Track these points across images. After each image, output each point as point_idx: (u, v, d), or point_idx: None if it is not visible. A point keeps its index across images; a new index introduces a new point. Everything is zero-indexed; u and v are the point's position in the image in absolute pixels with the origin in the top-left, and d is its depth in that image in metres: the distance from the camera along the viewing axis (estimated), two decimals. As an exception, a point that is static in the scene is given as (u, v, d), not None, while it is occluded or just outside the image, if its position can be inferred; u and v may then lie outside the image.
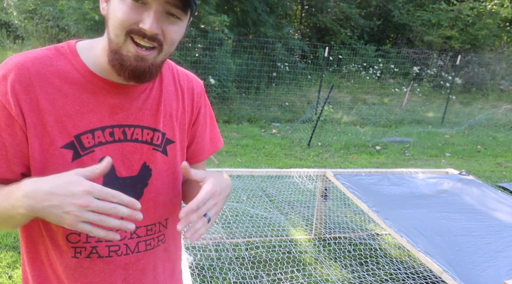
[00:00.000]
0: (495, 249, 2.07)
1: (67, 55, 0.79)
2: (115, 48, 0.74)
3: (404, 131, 7.72)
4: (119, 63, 0.74)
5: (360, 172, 3.03)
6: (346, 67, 10.48)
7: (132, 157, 0.84)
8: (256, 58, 8.51)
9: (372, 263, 2.94)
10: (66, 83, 0.77)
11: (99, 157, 0.79)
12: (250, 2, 8.95)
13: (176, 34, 0.76)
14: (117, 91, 0.81)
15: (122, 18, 0.71)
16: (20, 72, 0.73)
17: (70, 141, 0.77)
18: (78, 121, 0.77)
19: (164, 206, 0.92)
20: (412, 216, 2.38)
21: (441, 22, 11.72)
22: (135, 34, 0.72)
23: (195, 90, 0.95)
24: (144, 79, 0.77)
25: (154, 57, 0.76)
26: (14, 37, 8.13)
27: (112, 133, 0.81)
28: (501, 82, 11.66)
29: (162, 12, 0.73)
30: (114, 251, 0.86)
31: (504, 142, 7.48)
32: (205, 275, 2.57)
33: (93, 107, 0.78)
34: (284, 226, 3.41)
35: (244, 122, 7.49)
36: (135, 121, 0.84)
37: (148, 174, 0.87)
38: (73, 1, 7.04)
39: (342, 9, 11.68)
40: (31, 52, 0.78)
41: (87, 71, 0.78)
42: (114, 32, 0.73)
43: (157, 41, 0.74)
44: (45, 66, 0.76)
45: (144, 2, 0.71)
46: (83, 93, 0.78)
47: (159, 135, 0.87)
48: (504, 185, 4.90)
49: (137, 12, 0.71)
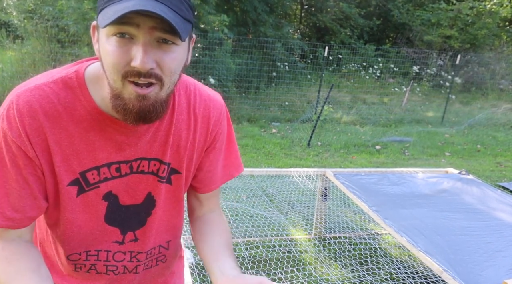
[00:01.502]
0: (495, 248, 2.07)
1: (75, 90, 0.74)
2: (116, 93, 0.70)
3: (404, 130, 7.72)
4: (122, 108, 0.70)
5: (360, 172, 3.03)
6: (346, 67, 10.48)
7: (137, 187, 0.84)
8: (256, 57, 8.50)
9: (372, 262, 2.94)
10: (73, 122, 0.74)
11: (104, 192, 0.80)
12: (250, 1, 8.95)
13: (174, 62, 0.68)
14: (125, 130, 0.77)
15: (113, 62, 0.66)
16: (30, 114, 0.71)
17: (75, 178, 0.77)
18: (84, 159, 0.76)
19: (167, 230, 0.94)
20: (412, 215, 2.38)
21: (441, 22, 11.71)
22: (130, 76, 0.66)
23: (211, 118, 0.88)
24: (150, 119, 0.72)
25: (156, 94, 0.69)
26: (14, 37, 8.12)
27: (118, 169, 0.80)
28: (501, 81, 11.67)
29: (153, 42, 0.65)
30: (111, 270, 0.90)
31: (504, 141, 7.48)
32: (205, 275, 2.56)
33: (99, 145, 0.77)
34: (284, 225, 3.40)
35: (244, 121, 7.49)
36: (143, 154, 0.82)
37: (152, 204, 0.87)
38: (73, 1, 7.04)
39: (342, 8, 11.68)
40: (38, 88, 0.73)
41: (94, 109, 0.75)
42: (110, 77, 0.69)
43: (154, 76, 0.67)
44: (53, 106, 0.72)
45: (131, 36, 0.65)
46: (90, 131, 0.75)
47: (165, 168, 0.85)
48: (504, 185, 4.90)
49: (126, 50, 0.65)
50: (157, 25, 0.64)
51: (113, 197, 0.82)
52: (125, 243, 0.88)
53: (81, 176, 0.77)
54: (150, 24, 0.64)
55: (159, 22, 0.63)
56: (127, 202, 0.84)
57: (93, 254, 0.86)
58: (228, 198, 3.69)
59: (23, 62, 7.07)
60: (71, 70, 0.76)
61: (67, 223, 0.81)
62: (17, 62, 7.13)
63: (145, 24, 0.63)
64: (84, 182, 0.78)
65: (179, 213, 0.95)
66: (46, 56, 7.02)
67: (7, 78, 6.75)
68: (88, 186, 0.79)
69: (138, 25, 0.63)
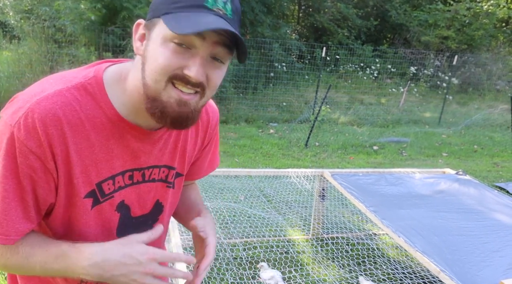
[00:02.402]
0: (492, 248, 2.08)
1: (95, 96, 0.72)
2: (154, 95, 0.68)
3: (401, 131, 7.74)
4: (160, 110, 0.69)
5: (358, 172, 3.04)
6: (344, 67, 10.49)
7: (147, 196, 0.85)
8: (253, 58, 8.50)
9: (369, 263, 2.95)
10: (94, 130, 0.72)
11: (117, 202, 0.80)
12: (247, 2, 8.95)
13: (219, 79, 0.72)
14: (142, 137, 0.78)
15: (164, 63, 0.65)
16: (53, 124, 0.67)
17: (92, 190, 0.75)
18: (101, 169, 0.75)
19: (165, 232, 0.97)
20: (410, 216, 2.39)
21: (438, 23, 11.76)
22: (178, 80, 0.67)
23: (210, 122, 0.93)
24: (186, 125, 0.72)
25: (196, 102, 0.70)
26: (10, 37, 8.08)
27: (131, 176, 0.80)
28: (498, 82, 11.71)
29: (208, 57, 0.68)
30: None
31: (501, 142, 7.51)
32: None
33: (117, 153, 0.76)
34: (281, 226, 3.40)
35: (242, 122, 7.48)
36: (155, 161, 0.83)
37: (160, 211, 0.89)
38: (70, 1, 7.02)
39: (339, 9, 11.70)
40: (59, 95, 0.69)
41: (115, 115, 0.73)
42: (152, 78, 0.67)
43: (200, 86, 0.69)
44: (75, 114, 0.70)
45: (189, 47, 0.66)
46: (110, 139, 0.74)
47: (174, 173, 0.87)
48: (500, 185, 4.92)
49: (181, 57, 0.66)
50: (220, 41, 0.67)
51: (125, 209, 0.82)
52: None
53: (97, 187, 0.76)
54: (215, 39, 0.66)
55: (223, 38, 0.67)
56: (137, 213, 0.85)
57: None
58: (225, 199, 3.69)
59: (20, 62, 7.04)
60: (89, 74, 0.73)
61: (77, 238, 0.78)
62: (13, 63, 7.10)
63: (211, 38, 0.66)
64: (100, 193, 0.77)
65: (173, 211, 0.99)
66: (43, 56, 7.00)
67: (4, 79, 6.72)
68: (103, 197, 0.77)
69: (204, 38, 0.65)
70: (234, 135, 6.50)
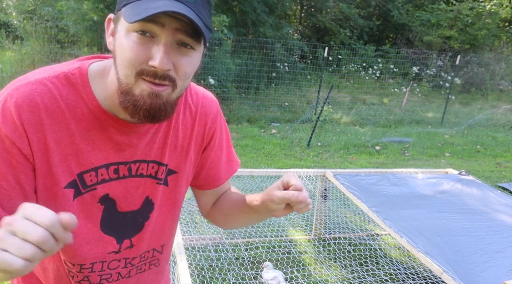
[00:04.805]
0: (495, 249, 2.07)
1: (77, 87, 0.72)
2: (126, 89, 0.67)
3: (404, 131, 7.72)
4: (132, 104, 0.68)
5: (360, 172, 3.03)
6: (346, 67, 10.48)
7: (135, 192, 0.82)
8: (255, 58, 8.50)
9: (372, 263, 2.94)
10: (74, 119, 0.71)
11: (100, 195, 0.78)
12: (249, 2, 8.95)
13: (189, 66, 0.69)
14: (126, 130, 0.76)
15: (130, 56, 0.65)
16: (30, 109, 0.67)
17: (73, 180, 0.74)
18: (83, 159, 0.74)
19: (162, 234, 0.92)
20: (412, 216, 2.38)
21: (441, 22, 11.72)
22: (145, 75, 0.66)
23: (208, 115, 0.89)
24: (159, 118, 0.70)
25: (168, 94, 0.68)
26: (13, 38, 8.11)
27: (117, 170, 0.78)
28: (501, 82, 11.67)
29: (173, 44, 0.66)
30: (105, 279, 0.87)
31: (504, 142, 7.49)
32: (205, 275, 2.56)
33: (99, 144, 0.74)
34: (283, 226, 3.40)
35: (244, 122, 7.48)
36: (142, 156, 0.80)
37: (150, 208, 0.86)
38: (72, 2, 7.04)
39: (342, 9, 11.68)
40: (39, 82, 0.69)
41: (97, 107, 0.73)
42: (123, 72, 0.67)
43: (168, 79, 0.66)
44: (55, 102, 0.69)
45: (152, 35, 0.64)
46: (91, 130, 0.73)
47: (164, 169, 0.84)
48: (503, 185, 4.90)
49: (145, 48, 0.65)
50: (182, 28, 0.64)
51: (110, 202, 0.79)
52: (121, 251, 0.85)
53: (78, 178, 0.74)
54: (175, 25, 0.64)
55: (184, 25, 0.64)
56: (124, 209, 0.82)
57: (87, 268, 0.83)
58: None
59: (23, 62, 7.07)
60: (74, 66, 0.74)
61: None
62: (16, 63, 7.13)
63: (170, 25, 0.64)
64: (81, 184, 0.75)
65: (174, 215, 0.93)
66: (45, 56, 7.03)
67: (7, 79, 6.74)
68: (85, 188, 0.76)
69: (163, 25, 0.63)
70: (236, 135, 6.50)
